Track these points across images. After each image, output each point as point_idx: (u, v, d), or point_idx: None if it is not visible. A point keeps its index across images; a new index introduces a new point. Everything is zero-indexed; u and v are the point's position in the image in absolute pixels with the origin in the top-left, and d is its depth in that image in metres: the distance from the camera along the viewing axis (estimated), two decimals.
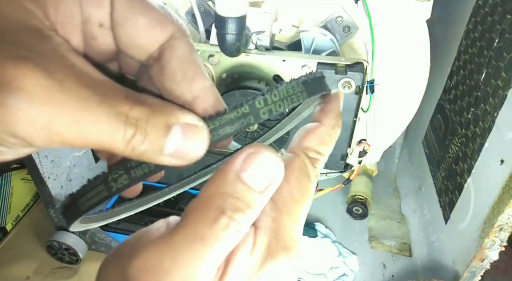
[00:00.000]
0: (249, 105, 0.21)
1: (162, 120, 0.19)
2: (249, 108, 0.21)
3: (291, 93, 0.22)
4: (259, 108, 0.22)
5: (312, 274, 0.73)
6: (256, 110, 0.22)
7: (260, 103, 0.21)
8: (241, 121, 0.22)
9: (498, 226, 0.53)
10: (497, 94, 0.57)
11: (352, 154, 0.68)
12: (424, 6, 0.62)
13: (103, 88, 0.18)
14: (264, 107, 0.22)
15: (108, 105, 0.18)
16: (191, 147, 0.20)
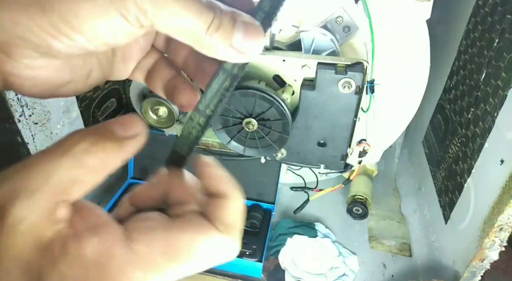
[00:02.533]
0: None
1: (230, 14, 0.24)
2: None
3: None
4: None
5: (312, 274, 0.73)
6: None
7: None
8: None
9: (498, 226, 0.53)
10: (497, 94, 0.57)
11: (352, 154, 0.68)
12: (424, 6, 0.62)
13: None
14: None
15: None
16: (251, 42, 0.24)
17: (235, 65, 0.26)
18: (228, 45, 0.24)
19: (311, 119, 0.61)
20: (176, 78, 0.31)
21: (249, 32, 0.24)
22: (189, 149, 0.27)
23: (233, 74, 0.26)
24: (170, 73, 0.31)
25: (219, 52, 0.24)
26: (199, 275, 0.76)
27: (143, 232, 0.23)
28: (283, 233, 0.81)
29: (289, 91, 0.60)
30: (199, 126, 0.27)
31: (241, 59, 0.25)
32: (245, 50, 0.24)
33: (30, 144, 0.63)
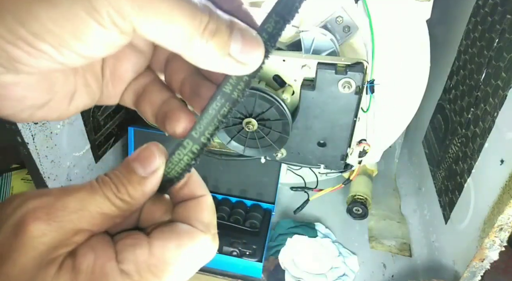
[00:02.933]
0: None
1: (226, 20, 0.22)
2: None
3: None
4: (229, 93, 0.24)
5: (312, 274, 0.73)
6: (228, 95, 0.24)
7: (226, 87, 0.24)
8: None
9: (498, 226, 0.53)
10: (497, 94, 0.57)
11: (352, 154, 0.68)
12: (424, 6, 0.62)
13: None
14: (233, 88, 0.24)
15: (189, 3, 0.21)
16: (251, 51, 0.22)
17: (235, 88, 0.24)
18: (225, 54, 0.22)
19: (311, 119, 0.61)
20: (169, 102, 0.27)
21: (247, 40, 0.22)
22: (179, 175, 0.25)
23: (232, 99, 0.24)
24: (162, 96, 0.28)
25: (215, 62, 0.22)
26: (199, 275, 0.76)
27: (130, 251, 0.22)
28: (283, 233, 0.81)
29: (289, 91, 0.60)
30: (192, 154, 0.25)
31: (240, 70, 0.23)
32: (245, 60, 0.22)
33: (30, 144, 0.63)
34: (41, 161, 0.66)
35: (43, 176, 0.67)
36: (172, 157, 0.25)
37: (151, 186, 0.24)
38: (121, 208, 0.23)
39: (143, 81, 0.28)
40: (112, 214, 0.23)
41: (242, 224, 0.81)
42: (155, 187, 0.24)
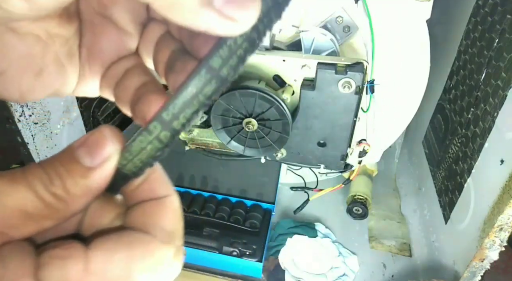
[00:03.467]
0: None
1: None
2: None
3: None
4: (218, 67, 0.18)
5: (312, 274, 0.73)
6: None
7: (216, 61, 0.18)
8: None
9: (498, 226, 0.53)
10: (497, 94, 0.57)
11: (352, 154, 0.68)
12: (424, 6, 0.62)
13: None
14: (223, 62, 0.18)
15: None
16: (242, 3, 0.16)
17: (226, 64, 0.18)
18: (205, 3, 0.16)
19: (311, 119, 0.61)
20: (145, 86, 0.21)
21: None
22: (137, 170, 0.19)
23: (220, 77, 0.18)
24: (140, 80, 0.22)
25: (191, 13, 0.16)
26: (199, 275, 0.76)
27: (56, 266, 0.16)
28: (283, 233, 0.81)
29: (289, 91, 0.60)
30: (159, 143, 0.18)
31: (226, 29, 0.16)
32: (233, 14, 0.16)
33: (30, 144, 0.63)
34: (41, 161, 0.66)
35: None
36: (131, 144, 0.19)
37: (98, 180, 0.18)
38: (52, 207, 0.17)
39: (124, 65, 0.23)
40: (38, 213, 0.17)
41: (242, 224, 0.81)
42: (103, 183, 0.18)
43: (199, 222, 0.81)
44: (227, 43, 0.17)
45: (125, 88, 0.22)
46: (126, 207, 0.20)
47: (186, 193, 0.87)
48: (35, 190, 0.17)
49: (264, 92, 0.57)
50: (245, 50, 0.18)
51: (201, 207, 0.84)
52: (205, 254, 0.74)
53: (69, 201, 0.18)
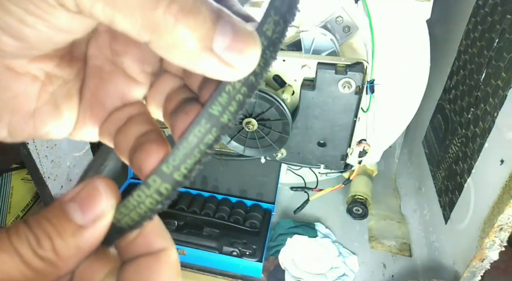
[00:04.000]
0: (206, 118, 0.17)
1: (211, 7, 0.16)
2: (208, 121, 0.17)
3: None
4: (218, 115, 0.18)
5: (312, 274, 0.73)
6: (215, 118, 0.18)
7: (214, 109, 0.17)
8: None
9: (498, 226, 0.53)
10: (497, 94, 0.57)
11: (352, 154, 0.68)
12: (424, 6, 0.62)
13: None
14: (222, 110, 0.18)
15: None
16: (243, 47, 0.16)
17: (225, 110, 0.17)
18: (205, 47, 0.16)
19: (311, 119, 0.61)
20: (146, 135, 0.20)
21: (239, 33, 0.16)
22: (134, 224, 0.18)
23: (220, 124, 0.17)
24: (141, 129, 0.21)
25: (192, 59, 0.16)
26: (199, 275, 0.76)
27: None
28: (283, 233, 0.81)
29: (289, 91, 0.60)
30: (159, 196, 0.17)
31: (227, 75, 0.16)
32: (234, 62, 0.16)
33: (30, 144, 0.63)
34: (41, 161, 0.66)
35: (43, 176, 0.67)
36: (128, 199, 0.18)
37: (90, 239, 0.17)
38: (41, 272, 0.16)
39: (127, 112, 0.22)
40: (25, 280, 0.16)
41: (242, 224, 0.81)
42: (96, 242, 0.17)
43: (199, 222, 0.81)
44: (226, 89, 0.17)
45: (126, 136, 0.21)
46: (120, 261, 0.19)
47: (186, 193, 0.87)
48: (22, 255, 0.16)
49: (264, 92, 0.57)
50: (243, 95, 0.18)
51: (201, 207, 0.84)
52: (205, 254, 0.74)
53: (58, 263, 0.16)
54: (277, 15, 0.17)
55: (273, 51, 0.18)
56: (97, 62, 0.22)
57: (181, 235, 0.77)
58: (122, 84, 0.22)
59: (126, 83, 0.22)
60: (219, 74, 0.16)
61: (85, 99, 0.22)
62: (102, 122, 0.22)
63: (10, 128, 0.20)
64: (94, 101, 0.22)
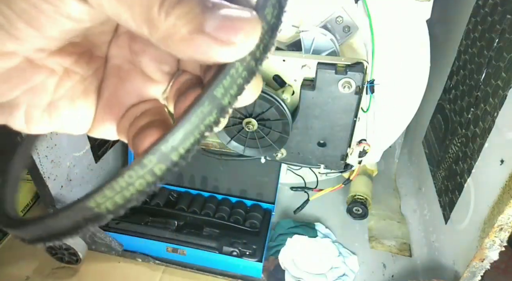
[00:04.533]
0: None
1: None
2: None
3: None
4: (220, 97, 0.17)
5: (312, 274, 0.73)
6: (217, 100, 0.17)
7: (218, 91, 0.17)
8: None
9: (498, 226, 0.53)
10: (497, 94, 0.57)
11: (352, 154, 0.68)
12: (424, 6, 0.62)
13: None
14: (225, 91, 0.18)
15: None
16: (237, 25, 0.16)
17: (227, 92, 0.17)
18: (197, 30, 0.16)
19: (311, 119, 0.61)
20: (152, 122, 0.21)
21: (232, 13, 0.16)
22: (113, 209, 0.17)
23: (222, 106, 0.17)
24: (151, 119, 0.22)
25: (186, 45, 0.16)
26: (199, 275, 0.76)
27: None
28: (283, 233, 0.81)
29: (289, 91, 0.60)
30: (151, 177, 0.17)
31: (221, 53, 0.16)
32: (227, 37, 0.16)
33: None
34: (41, 161, 0.66)
35: (43, 176, 0.67)
36: (116, 179, 0.16)
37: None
38: None
39: (142, 108, 0.23)
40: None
41: (242, 224, 0.81)
42: None
43: (199, 222, 0.81)
44: (230, 72, 0.17)
45: (135, 127, 0.21)
46: None
47: (186, 193, 0.87)
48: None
49: (264, 92, 0.57)
50: (244, 79, 0.18)
51: (201, 207, 0.84)
52: (205, 254, 0.74)
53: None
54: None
55: (272, 36, 0.18)
56: (117, 61, 0.23)
57: (181, 235, 0.77)
58: (140, 83, 0.23)
59: (143, 82, 0.23)
60: (216, 55, 0.16)
61: (104, 98, 0.23)
62: (119, 119, 0.23)
63: (27, 119, 0.21)
64: (112, 99, 0.23)
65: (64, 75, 0.22)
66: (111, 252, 0.77)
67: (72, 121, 0.23)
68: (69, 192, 0.75)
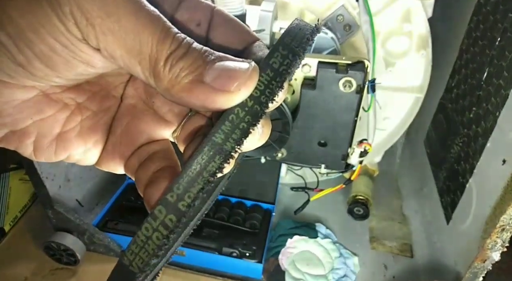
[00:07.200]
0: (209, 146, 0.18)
1: (202, 50, 0.19)
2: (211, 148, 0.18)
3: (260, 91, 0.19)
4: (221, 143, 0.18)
5: (313, 276, 0.73)
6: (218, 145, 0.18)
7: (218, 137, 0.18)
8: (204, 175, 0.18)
9: (500, 227, 0.52)
10: (499, 93, 0.57)
11: (353, 154, 0.68)
12: (425, 4, 0.62)
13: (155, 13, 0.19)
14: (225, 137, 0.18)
15: (161, 21, 0.18)
16: (233, 75, 0.18)
17: (229, 137, 0.18)
18: (197, 81, 0.18)
19: (312, 118, 0.61)
20: (163, 170, 0.22)
21: (230, 65, 0.18)
22: (142, 266, 0.18)
23: (224, 151, 0.18)
24: (161, 165, 0.22)
25: (188, 95, 0.18)
26: (199, 276, 0.76)
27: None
28: (284, 234, 0.81)
29: (289, 90, 0.59)
30: (165, 229, 0.18)
31: (222, 101, 0.18)
32: (224, 86, 0.18)
33: None
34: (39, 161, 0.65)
35: (41, 176, 0.66)
36: (137, 234, 0.18)
37: None
38: None
39: (152, 148, 0.23)
40: None
41: (242, 224, 0.80)
42: None
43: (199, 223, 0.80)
44: (229, 117, 0.18)
45: (145, 171, 0.22)
46: None
47: None
48: None
49: None
50: (248, 123, 0.18)
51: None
52: (204, 255, 0.74)
53: None
54: (286, 50, 0.19)
55: (280, 81, 0.19)
56: (131, 101, 0.25)
57: None
58: (152, 123, 0.24)
59: (155, 122, 0.24)
60: (215, 103, 0.18)
61: (115, 135, 0.24)
62: (128, 156, 0.24)
63: (35, 146, 0.23)
64: (124, 137, 0.24)
65: (76, 109, 0.23)
66: (109, 253, 0.76)
67: (78, 153, 0.24)
68: (67, 193, 0.74)
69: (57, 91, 0.22)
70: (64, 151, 0.23)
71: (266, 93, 0.19)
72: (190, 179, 0.18)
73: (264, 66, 0.19)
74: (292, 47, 0.19)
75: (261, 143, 0.21)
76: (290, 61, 0.19)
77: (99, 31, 0.18)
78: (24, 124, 0.22)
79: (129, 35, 0.18)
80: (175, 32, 0.19)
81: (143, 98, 0.25)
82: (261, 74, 0.19)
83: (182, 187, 0.18)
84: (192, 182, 0.18)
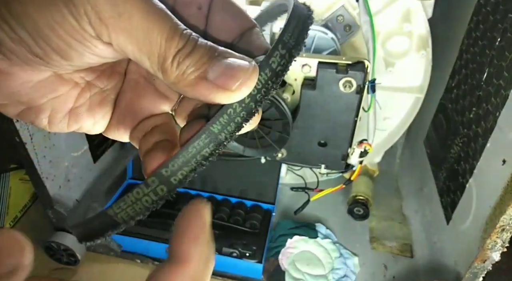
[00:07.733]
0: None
1: (206, 44, 0.20)
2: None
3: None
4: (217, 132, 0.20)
5: (313, 276, 0.73)
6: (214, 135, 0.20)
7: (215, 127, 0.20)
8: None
9: (500, 227, 0.52)
10: (499, 93, 0.57)
11: (353, 154, 0.68)
12: (425, 4, 0.62)
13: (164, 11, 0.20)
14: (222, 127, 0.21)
15: (169, 19, 0.20)
16: (235, 73, 0.20)
17: (224, 129, 0.20)
18: (201, 78, 0.20)
19: (312, 118, 0.61)
20: (161, 142, 0.24)
21: (233, 63, 0.20)
22: (127, 218, 0.20)
23: (218, 140, 0.20)
24: (160, 137, 0.25)
25: (189, 86, 0.20)
26: None
27: None
28: (284, 234, 0.81)
29: (289, 90, 0.59)
30: (155, 195, 0.20)
31: (223, 98, 0.20)
32: (226, 84, 0.20)
33: (28, 144, 0.62)
34: (39, 161, 0.65)
35: (41, 176, 0.66)
36: (128, 194, 0.20)
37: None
38: None
39: (154, 122, 0.26)
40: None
41: (242, 224, 0.80)
42: None
43: None
44: (228, 111, 0.20)
45: (146, 142, 0.24)
46: None
47: (185, 194, 0.87)
48: None
49: None
50: (242, 118, 0.21)
51: None
52: None
53: None
54: (284, 50, 0.20)
55: (275, 82, 0.21)
56: (134, 76, 0.27)
57: None
58: (153, 98, 0.26)
59: (156, 98, 0.26)
60: (216, 98, 0.20)
61: (120, 108, 0.27)
62: (132, 128, 0.26)
63: (50, 120, 0.25)
64: (127, 111, 0.27)
65: (85, 87, 0.26)
66: (109, 253, 0.76)
67: (88, 125, 0.27)
68: (67, 193, 0.74)
69: (69, 71, 0.24)
70: (76, 123, 0.26)
71: (262, 92, 0.20)
72: (185, 159, 0.20)
73: (263, 66, 0.20)
74: (289, 47, 0.21)
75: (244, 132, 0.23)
76: (287, 62, 0.21)
77: (111, 29, 0.19)
78: (40, 102, 0.24)
79: (139, 34, 0.19)
80: (182, 29, 0.20)
81: (144, 75, 0.26)
82: (260, 73, 0.20)
83: (177, 165, 0.20)
84: (186, 163, 0.20)
